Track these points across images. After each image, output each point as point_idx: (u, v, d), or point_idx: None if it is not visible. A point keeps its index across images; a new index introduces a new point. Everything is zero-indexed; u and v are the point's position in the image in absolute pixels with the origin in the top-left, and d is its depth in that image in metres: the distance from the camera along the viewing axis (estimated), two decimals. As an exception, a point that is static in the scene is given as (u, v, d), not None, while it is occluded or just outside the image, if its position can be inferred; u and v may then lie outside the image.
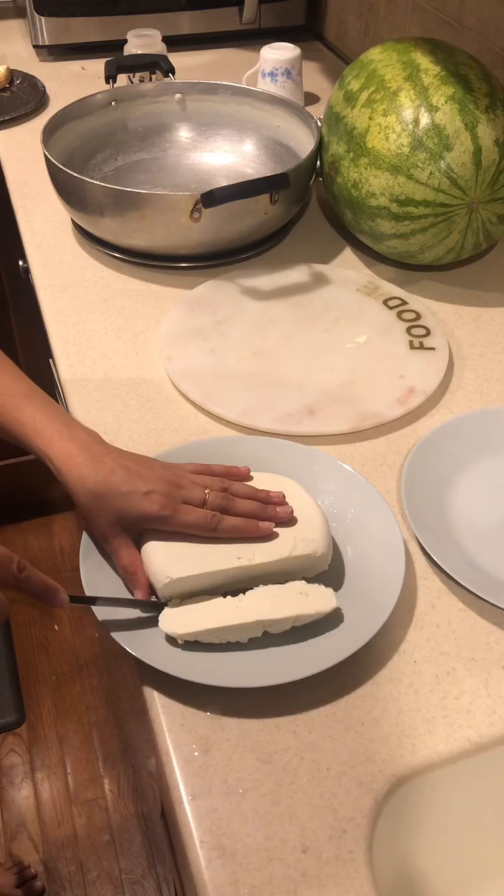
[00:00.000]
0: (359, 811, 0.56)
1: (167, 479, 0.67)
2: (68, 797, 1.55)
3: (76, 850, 1.49)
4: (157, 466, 0.68)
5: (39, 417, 0.68)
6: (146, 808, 1.53)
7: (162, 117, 1.20)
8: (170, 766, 0.58)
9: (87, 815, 1.53)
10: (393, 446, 0.82)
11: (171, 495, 0.66)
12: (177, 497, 0.66)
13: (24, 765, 1.60)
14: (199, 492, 0.67)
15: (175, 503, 0.66)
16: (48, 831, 1.51)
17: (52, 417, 0.68)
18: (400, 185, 0.92)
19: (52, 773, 1.59)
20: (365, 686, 0.63)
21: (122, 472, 0.66)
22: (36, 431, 0.68)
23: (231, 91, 1.18)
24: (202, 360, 0.89)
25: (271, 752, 0.59)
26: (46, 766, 1.60)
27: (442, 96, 0.90)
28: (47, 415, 0.69)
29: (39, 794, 1.56)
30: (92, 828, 1.51)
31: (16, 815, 1.53)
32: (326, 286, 1.00)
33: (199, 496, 0.67)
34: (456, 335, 0.95)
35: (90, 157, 1.15)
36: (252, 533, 0.67)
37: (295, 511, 0.69)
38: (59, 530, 2.00)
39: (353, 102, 0.97)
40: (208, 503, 0.67)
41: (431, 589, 0.69)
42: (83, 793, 1.56)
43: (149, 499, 0.65)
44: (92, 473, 0.65)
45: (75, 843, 1.49)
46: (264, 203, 0.98)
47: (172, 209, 0.94)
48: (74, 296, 1.00)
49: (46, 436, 0.67)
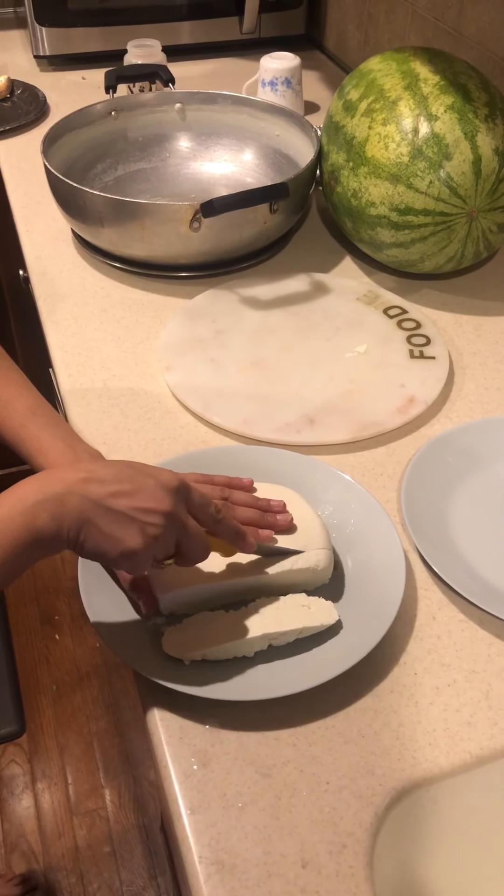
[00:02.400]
0: (359, 825, 0.55)
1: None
2: (69, 808, 1.55)
3: (77, 861, 1.48)
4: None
5: (44, 437, 0.68)
6: (147, 819, 1.52)
7: (162, 127, 1.20)
8: (168, 779, 0.58)
9: (87, 826, 1.52)
10: (393, 456, 0.81)
11: None
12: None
13: (24, 775, 1.59)
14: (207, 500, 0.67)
15: None
16: (48, 842, 1.50)
17: (56, 437, 0.69)
18: (399, 195, 0.91)
19: (53, 784, 1.58)
20: (365, 698, 0.62)
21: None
22: (39, 450, 0.68)
23: (231, 100, 1.18)
24: (202, 369, 0.89)
25: (271, 766, 0.58)
26: (47, 776, 1.59)
27: (441, 105, 0.90)
28: (52, 434, 0.69)
29: (40, 805, 1.55)
30: (93, 839, 1.50)
31: (16, 825, 1.52)
32: (326, 295, 1.00)
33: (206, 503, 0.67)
34: (456, 344, 0.95)
35: (90, 166, 1.16)
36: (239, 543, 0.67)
37: (297, 522, 0.69)
38: (60, 539, 1.99)
39: (353, 112, 0.97)
40: None
41: (432, 600, 0.69)
42: (84, 803, 1.55)
43: None
44: None
45: (76, 855, 1.49)
46: (264, 212, 0.98)
47: (172, 219, 0.94)
48: (74, 305, 1.00)
49: (50, 456, 0.68)
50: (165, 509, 0.55)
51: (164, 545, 0.56)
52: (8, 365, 0.74)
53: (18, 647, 1.79)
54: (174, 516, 0.56)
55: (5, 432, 0.70)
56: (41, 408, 0.71)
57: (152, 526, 0.55)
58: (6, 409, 0.70)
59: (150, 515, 0.55)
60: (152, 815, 1.52)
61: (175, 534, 0.57)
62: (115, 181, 1.17)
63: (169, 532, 0.56)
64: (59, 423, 0.71)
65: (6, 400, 0.70)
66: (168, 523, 0.56)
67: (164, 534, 0.56)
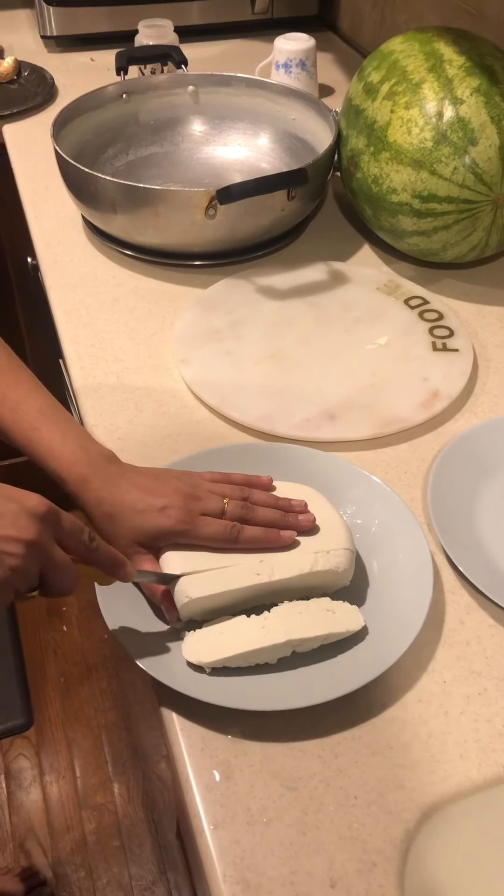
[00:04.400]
0: (389, 842, 0.53)
1: (183, 491, 0.64)
2: (77, 802, 1.53)
3: (85, 855, 1.47)
4: (172, 479, 0.66)
5: (55, 439, 0.66)
6: (156, 814, 1.51)
7: (174, 110, 1.17)
8: (190, 793, 0.55)
9: (96, 819, 1.51)
10: (417, 452, 0.79)
11: (187, 508, 0.63)
12: (194, 510, 0.64)
13: (32, 769, 1.58)
14: (216, 502, 0.65)
15: (192, 516, 0.63)
16: (57, 837, 1.49)
17: (68, 438, 0.66)
18: (423, 181, 0.88)
19: (61, 777, 1.57)
20: (392, 708, 0.60)
21: (136, 491, 0.64)
22: (52, 453, 0.65)
23: (245, 83, 1.14)
24: (218, 362, 0.86)
25: (296, 779, 0.56)
26: (55, 769, 1.58)
27: (467, 88, 0.87)
28: (63, 435, 0.66)
29: (48, 799, 1.54)
30: (101, 833, 1.49)
31: (24, 819, 1.51)
32: (345, 285, 0.97)
33: (217, 506, 0.64)
34: (479, 336, 0.92)
35: (101, 151, 1.12)
36: (273, 543, 0.64)
37: (318, 521, 0.67)
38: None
39: (374, 95, 0.94)
40: (227, 513, 0.64)
41: (460, 604, 0.67)
42: (92, 797, 1.54)
43: (165, 514, 0.63)
44: (108, 497, 0.63)
45: (85, 849, 1.47)
46: (281, 199, 0.95)
47: (187, 206, 0.91)
48: (85, 295, 0.97)
49: (63, 460, 0.65)
50: (27, 538, 0.50)
51: (25, 577, 0.51)
52: (17, 364, 0.71)
53: (25, 639, 1.78)
54: (37, 546, 0.50)
55: (16, 436, 0.67)
56: (52, 409, 0.68)
57: (11, 556, 0.49)
58: (16, 412, 0.67)
59: (9, 544, 0.49)
60: (161, 809, 1.51)
61: (38, 565, 0.51)
62: (127, 166, 1.14)
63: (31, 563, 0.50)
64: (70, 423, 0.68)
65: (16, 402, 0.68)
66: (29, 554, 0.50)
67: (25, 565, 0.50)
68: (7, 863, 1.45)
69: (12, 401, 0.67)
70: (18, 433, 0.67)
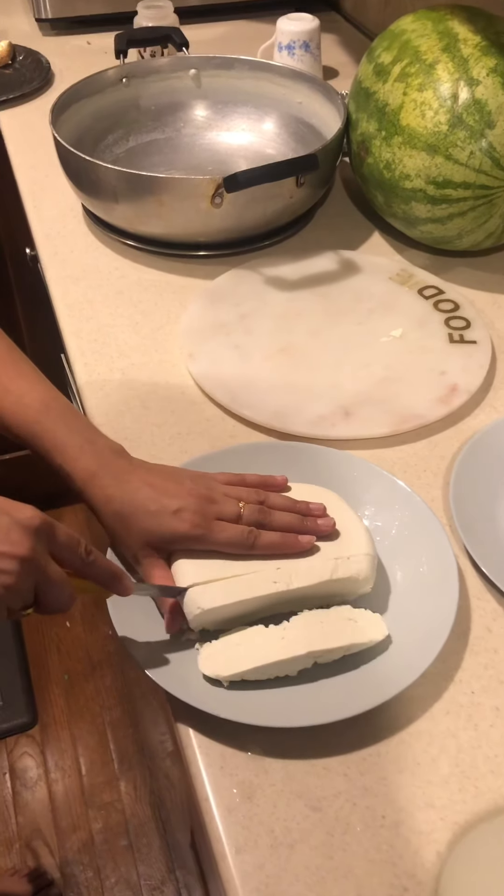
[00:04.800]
0: (420, 866, 0.51)
1: (198, 493, 0.61)
2: (84, 800, 1.51)
3: (93, 855, 1.45)
4: (186, 480, 0.63)
5: (60, 431, 0.63)
6: (164, 812, 1.49)
7: (176, 94, 1.13)
8: (210, 814, 0.53)
9: (103, 818, 1.49)
10: (436, 450, 0.76)
11: (202, 512, 0.60)
12: (209, 513, 0.61)
13: (37, 767, 1.56)
14: (232, 506, 0.62)
15: (207, 520, 0.60)
16: (64, 836, 1.47)
17: (74, 431, 0.63)
18: (437, 166, 0.85)
19: (67, 776, 1.55)
20: (419, 721, 0.57)
21: (148, 490, 0.60)
22: (56, 447, 0.62)
23: (249, 66, 1.11)
24: (226, 357, 0.83)
25: (320, 798, 0.53)
26: (60, 768, 1.56)
27: (483, 68, 0.83)
28: (69, 428, 0.63)
29: (54, 798, 1.52)
30: (109, 832, 1.47)
31: (30, 819, 1.49)
32: (356, 275, 0.94)
33: (233, 511, 0.62)
34: (496, 327, 0.89)
35: (101, 138, 1.09)
36: (291, 549, 0.62)
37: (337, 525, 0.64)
38: (69, 523, 1.94)
39: (385, 77, 0.90)
40: (243, 518, 0.62)
41: (486, 610, 0.64)
42: (99, 796, 1.52)
43: (179, 517, 0.60)
44: (118, 495, 0.60)
45: (92, 849, 1.45)
46: (290, 186, 0.91)
47: (192, 194, 0.88)
48: (87, 287, 0.94)
49: (68, 454, 0.62)
50: (20, 554, 0.47)
51: (19, 594, 0.48)
52: (18, 356, 0.68)
53: (28, 636, 1.75)
54: (31, 562, 0.48)
55: (19, 429, 0.64)
56: (56, 401, 0.65)
57: (3, 574, 0.47)
58: (18, 405, 0.64)
59: (1, 561, 0.47)
60: (169, 807, 1.49)
61: (32, 581, 0.49)
62: (127, 153, 1.10)
63: (24, 580, 0.48)
64: (76, 416, 0.65)
65: (18, 394, 0.64)
66: (23, 570, 0.48)
67: (18, 582, 0.48)
68: (14, 863, 1.43)
69: (14, 394, 0.64)
70: (21, 427, 0.64)
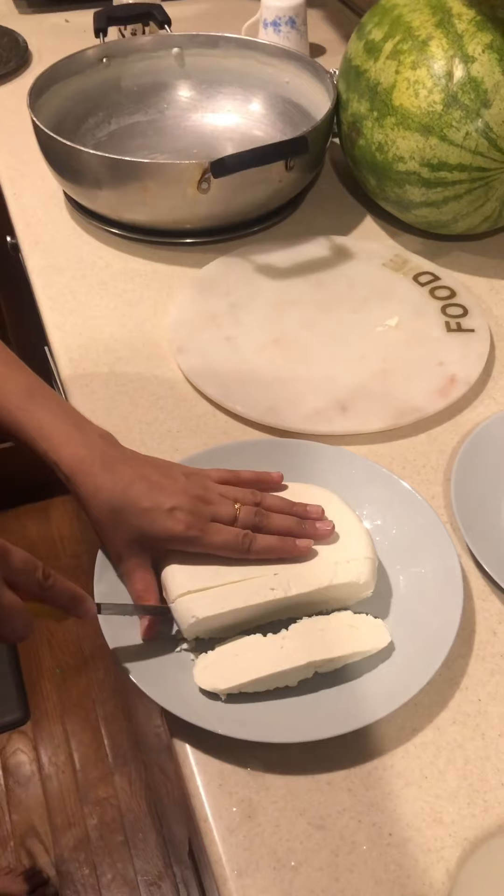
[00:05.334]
0: (429, 886, 0.49)
1: (193, 493, 0.59)
2: (78, 796, 1.50)
3: (89, 851, 1.43)
4: (180, 476, 0.60)
5: (45, 418, 0.60)
6: (160, 806, 1.47)
7: (158, 75, 1.09)
8: (210, 835, 0.51)
9: (98, 814, 1.47)
10: (435, 444, 0.73)
11: (197, 512, 0.58)
12: (204, 514, 0.58)
13: (30, 763, 1.54)
14: (228, 507, 0.59)
15: (202, 522, 0.58)
16: (59, 833, 1.45)
17: (60, 417, 0.60)
18: (432, 148, 0.82)
19: (61, 772, 1.53)
20: (425, 731, 0.55)
21: (141, 483, 0.58)
22: (42, 435, 0.59)
23: (234, 44, 1.07)
24: (217, 350, 0.80)
25: (324, 816, 0.51)
26: (54, 764, 1.54)
27: (478, 45, 0.80)
28: (54, 415, 0.60)
29: (48, 795, 1.50)
30: (104, 828, 1.46)
31: (24, 817, 1.47)
32: (349, 261, 0.91)
33: (228, 512, 0.59)
34: (494, 313, 0.86)
35: (81, 121, 1.05)
36: (289, 553, 0.59)
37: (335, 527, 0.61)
38: (58, 515, 1.92)
39: (376, 54, 0.87)
40: (239, 520, 0.59)
41: (491, 612, 0.62)
42: (94, 791, 1.50)
43: (173, 517, 0.57)
44: (108, 485, 0.57)
45: (88, 845, 1.44)
46: (279, 170, 0.88)
47: (178, 179, 0.84)
48: (71, 278, 0.90)
49: (54, 440, 0.59)
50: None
51: None
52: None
53: (19, 630, 1.73)
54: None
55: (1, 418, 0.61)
56: (40, 388, 0.62)
57: None
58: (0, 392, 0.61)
59: None
60: (165, 801, 1.47)
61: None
62: (109, 137, 1.07)
63: None
64: (61, 402, 0.62)
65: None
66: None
67: None
68: (9, 862, 1.41)
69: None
70: (4, 414, 0.60)
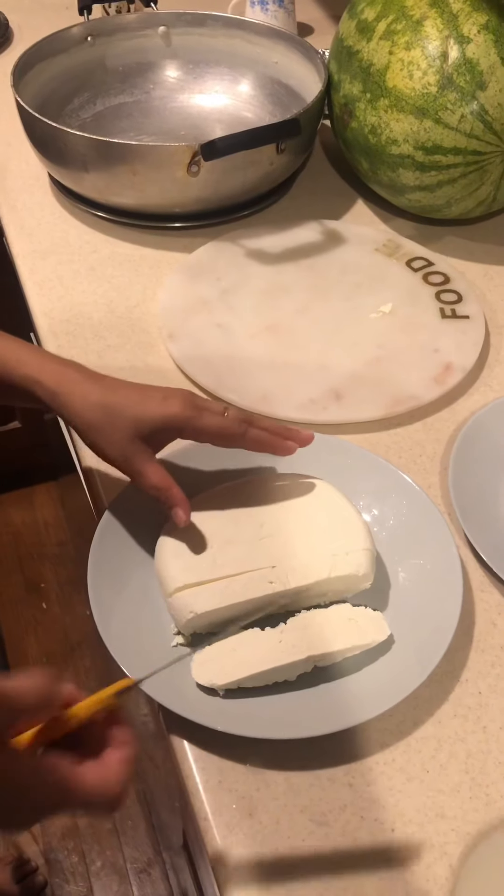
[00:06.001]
0: (433, 882, 0.48)
1: (181, 390, 0.59)
2: (66, 785, 1.49)
3: (78, 840, 1.42)
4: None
5: (20, 349, 0.58)
6: (149, 793, 1.47)
7: (145, 54, 1.07)
8: (210, 833, 0.50)
9: (87, 803, 1.47)
10: (431, 432, 0.72)
11: (190, 400, 0.58)
12: (197, 404, 0.58)
13: (17, 752, 1.53)
14: (217, 405, 0.59)
15: (197, 409, 0.58)
16: (47, 822, 1.44)
17: (32, 349, 0.59)
18: (426, 131, 0.80)
19: (48, 761, 1.52)
20: (426, 725, 0.55)
21: (129, 384, 0.58)
22: (19, 361, 0.57)
23: (222, 22, 1.04)
24: (209, 337, 0.78)
25: (326, 812, 0.51)
26: (41, 752, 1.53)
27: (474, 25, 0.78)
28: (26, 347, 0.59)
29: (36, 784, 1.49)
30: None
31: (12, 806, 1.46)
32: (341, 246, 0.89)
33: (218, 408, 0.59)
34: (488, 299, 0.85)
35: (66, 101, 1.02)
36: (277, 447, 0.60)
37: (332, 519, 0.60)
38: (42, 502, 1.89)
39: (369, 34, 0.85)
40: (228, 416, 0.59)
41: (490, 603, 0.61)
42: (82, 779, 1.49)
43: (167, 402, 0.57)
44: (97, 389, 0.56)
45: (76, 833, 1.43)
46: (270, 153, 0.86)
47: (167, 162, 0.82)
48: (57, 263, 0.88)
49: (33, 363, 0.57)
50: None
51: None
52: None
53: (3, 618, 1.71)
54: None
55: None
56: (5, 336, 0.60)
57: None
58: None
59: None
60: (154, 788, 1.47)
61: None
62: (95, 118, 1.04)
63: None
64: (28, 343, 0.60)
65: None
66: None
67: None
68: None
69: None
70: None
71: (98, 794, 0.40)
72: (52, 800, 0.39)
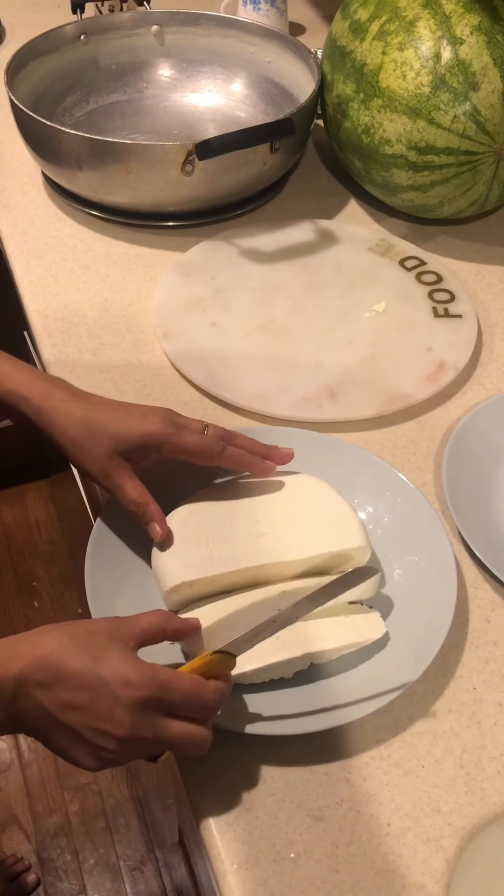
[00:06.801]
0: (429, 875, 0.49)
1: (161, 408, 0.60)
2: (59, 783, 1.49)
3: (70, 838, 1.43)
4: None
5: (7, 365, 0.60)
6: (142, 791, 1.47)
7: (138, 53, 1.07)
8: (208, 829, 0.50)
9: (79, 801, 1.47)
10: (424, 430, 0.73)
11: (170, 418, 0.59)
12: (177, 422, 0.59)
13: (10, 751, 1.53)
14: (197, 423, 0.61)
15: (177, 426, 0.59)
16: (40, 820, 1.44)
17: (19, 365, 0.60)
18: (419, 131, 0.81)
19: (41, 759, 1.52)
20: (421, 721, 0.55)
21: (114, 403, 0.60)
22: (6, 376, 0.59)
23: (215, 22, 1.05)
24: (203, 335, 0.79)
25: (323, 807, 0.51)
26: (33, 750, 1.53)
27: (466, 26, 0.79)
28: (12, 362, 0.60)
29: (29, 782, 1.49)
30: (86, 814, 1.45)
31: (5, 805, 1.46)
32: (335, 245, 0.90)
33: (198, 427, 0.60)
34: (481, 298, 0.86)
35: (59, 100, 1.02)
36: (254, 467, 0.61)
37: (327, 517, 0.61)
38: (33, 500, 1.89)
39: (363, 35, 0.85)
40: (208, 433, 0.60)
41: (484, 600, 0.62)
42: (74, 778, 1.49)
43: (147, 419, 0.58)
44: (81, 407, 0.58)
45: (69, 831, 1.43)
46: (263, 152, 0.87)
47: (162, 161, 0.83)
48: (51, 262, 0.88)
49: (19, 379, 0.59)
50: (121, 734, 0.45)
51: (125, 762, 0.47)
52: None
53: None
54: (134, 741, 0.45)
55: None
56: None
57: (105, 750, 0.45)
58: None
59: (102, 738, 0.45)
60: (146, 785, 1.47)
61: (142, 751, 0.47)
62: (88, 116, 1.04)
63: (127, 755, 0.46)
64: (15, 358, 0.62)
65: None
66: (123, 749, 0.45)
67: (120, 758, 0.46)
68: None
69: None
70: None
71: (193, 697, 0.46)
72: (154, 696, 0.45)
